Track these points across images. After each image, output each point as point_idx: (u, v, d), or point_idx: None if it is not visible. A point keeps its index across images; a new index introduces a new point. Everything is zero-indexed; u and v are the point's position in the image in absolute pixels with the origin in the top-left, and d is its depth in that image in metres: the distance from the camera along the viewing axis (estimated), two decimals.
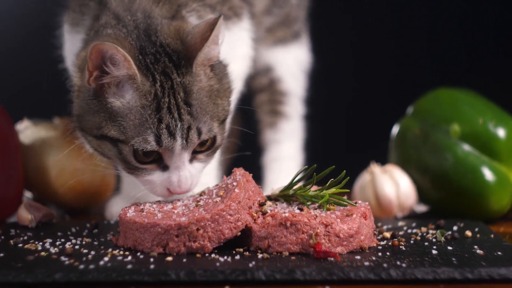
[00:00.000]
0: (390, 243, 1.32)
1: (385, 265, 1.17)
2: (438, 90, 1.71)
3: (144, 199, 1.41)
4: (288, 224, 1.25)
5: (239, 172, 1.33)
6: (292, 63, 1.88)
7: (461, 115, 1.63)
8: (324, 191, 1.32)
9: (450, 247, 1.29)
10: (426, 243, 1.32)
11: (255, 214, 1.28)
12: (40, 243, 1.31)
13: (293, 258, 1.23)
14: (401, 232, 1.41)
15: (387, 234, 1.36)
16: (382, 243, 1.32)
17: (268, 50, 1.84)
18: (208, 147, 1.35)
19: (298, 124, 1.90)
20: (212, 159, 1.39)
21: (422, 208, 1.71)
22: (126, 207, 1.34)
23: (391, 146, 1.73)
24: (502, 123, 1.61)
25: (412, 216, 1.64)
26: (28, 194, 1.71)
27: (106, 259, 1.21)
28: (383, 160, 1.71)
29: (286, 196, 1.35)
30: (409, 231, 1.42)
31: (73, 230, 1.42)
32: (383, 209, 1.61)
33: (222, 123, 1.36)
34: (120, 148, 1.31)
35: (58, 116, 1.72)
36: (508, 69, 2.41)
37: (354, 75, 2.51)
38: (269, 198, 1.36)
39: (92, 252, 1.25)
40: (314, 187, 1.33)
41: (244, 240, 1.28)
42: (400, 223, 1.50)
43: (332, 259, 1.21)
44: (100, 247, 1.29)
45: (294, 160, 1.88)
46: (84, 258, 1.21)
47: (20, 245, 1.31)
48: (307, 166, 1.35)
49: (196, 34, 1.32)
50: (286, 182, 1.36)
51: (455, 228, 1.44)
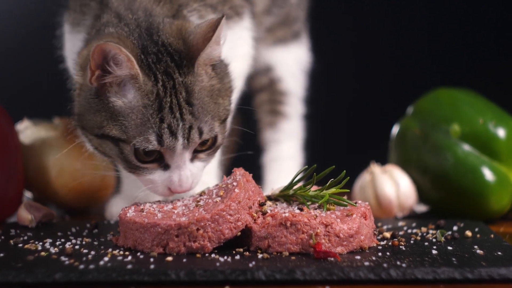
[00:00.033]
0: (390, 243, 1.32)
1: (385, 265, 1.17)
2: (438, 90, 1.71)
3: (144, 199, 1.41)
4: (288, 224, 1.25)
5: (239, 172, 1.33)
6: (292, 63, 1.87)
7: (461, 115, 1.63)
8: (324, 191, 1.32)
9: (450, 247, 1.29)
10: (426, 243, 1.32)
11: (255, 214, 1.28)
12: (40, 243, 1.31)
13: (293, 258, 1.23)
14: (401, 232, 1.41)
15: (387, 234, 1.36)
16: (382, 243, 1.32)
17: (268, 50, 1.83)
18: (209, 147, 1.35)
19: (298, 124, 1.89)
20: (213, 158, 1.39)
21: (422, 208, 1.71)
22: (126, 207, 1.33)
23: (391, 146, 1.73)
24: (502, 123, 1.61)
25: (412, 216, 1.64)
26: (28, 194, 1.71)
27: (106, 259, 1.21)
28: (383, 160, 1.70)
29: (286, 196, 1.35)
30: (409, 231, 1.42)
31: (73, 230, 1.42)
32: (383, 209, 1.61)
33: (223, 122, 1.36)
34: (121, 148, 1.31)
35: (58, 116, 1.72)
36: (508, 69, 2.41)
37: (354, 75, 2.51)
38: (269, 198, 1.36)
39: (92, 252, 1.25)
40: (314, 187, 1.33)
41: (244, 240, 1.28)
42: (400, 223, 1.49)
43: (332, 259, 1.21)
44: (100, 247, 1.29)
45: (294, 160, 1.88)
46: (84, 258, 1.21)
47: (20, 245, 1.31)
48: (307, 166, 1.35)
49: (198, 34, 1.31)
50: (286, 182, 1.36)
51: (455, 228, 1.44)
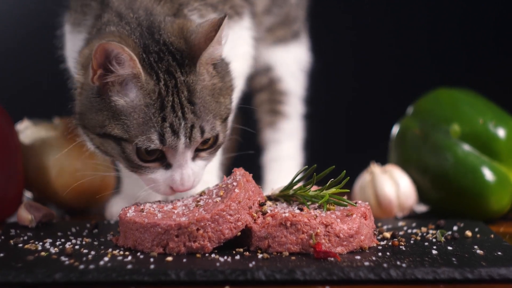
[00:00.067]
0: (390, 243, 1.32)
1: (385, 265, 1.17)
2: (438, 90, 1.71)
3: (146, 199, 1.41)
4: (288, 224, 1.25)
5: (239, 172, 1.33)
6: (291, 63, 1.87)
7: (461, 115, 1.63)
8: (324, 191, 1.32)
9: (450, 247, 1.29)
10: (426, 243, 1.32)
11: (255, 214, 1.28)
12: (40, 243, 1.31)
13: (293, 258, 1.23)
14: (401, 232, 1.41)
15: (387, 234, 1.36)
16: (382, 243, 1.32)
17: (267, 50, 1.83)
18: (210, 145, 1.35)
19: (297, 124, 1.89)
20: (214, 157, 1.39)
21: (422, 208, 1.71)
22: (126, 207, 1.33)
23: (391, 146, 1.73)
24: (502, 123, 1.61)
25: (412, 216, 1.64)
26: (28, 194, 1.71)
27: (106, 259, 1.21)
28: (383, 160, 1.70)
29: (286, 196, 1.35)
30: (409, 231, 1.42)
31: (73, 230, 1.42)
32: (383, 209, 1.61)
33: (225, 121, 1.36)
34: (123, 147, 1.31)
35: (58, 116, 1.72)
36: (508, 69, 2.41)
37: (354, 75, 2.51)
38: (269, 198, 1.36)
39: (92, 252, 1.25)
40: (314, 187, 1.33)
41: (244, 240, 1.28)
42: (400, 223, 1.49)
43: (332, 259, 1.21)
44: (100, 247, 1.29)
45: (294, 160, 1.88)
46: (84, 258, 1.21)
47: (20, 245, 1.31)
48: (307, 166, 1.35)
49: (200, 33, 1.31)
50: (286, 182, 1.36)
51: (455, 228, 1.44)
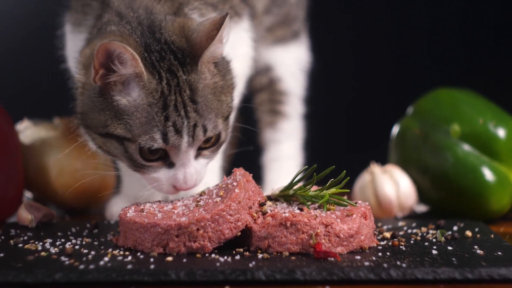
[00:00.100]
0: (390, 243, 1.32)
1: (385, 265, 1.17)
2: (438, 90, 1.71)
3: (149, 199, 1.41)
4: (288, 224, 1.25)
5: (239, 172, 1.33)
6: (291, 63, 1.87)
7: (461, 115, 1.63)
8: (324, 191, 1.32)
9: (450, 247, 1.29)
10: (426, 243, 1.32)
11: (255, 214, 1.28)
12: (40, 243, 1.31)
13: (293, 258, 1.23)
14: (401, 232, 1.41)
15: (387, 234, 1.36)
16: (382, 243, 1.32)
17: (267, 50, 1.83)
18: (212, 144, 1.35)
19: (297, 124, 1.89)
20: (216, 155, 1.39)
21: (422, 208, 1.71)
22: (126, 207, 1.33)
23: (391, 146, 1.73)
24: (502, 123, 1.61)
25: (412, 216, 1.64)
26: (28, 194, 1.71)
27: (106, 259, 1.21)
28: (383, 160, 1.70)
29: (286, 196, 1.35)
30: (409, 231, 1.42)
31: (73, 230, 1.42)
32: (383, 209, 1.61)
33: (226, 119, 1.36)
34: (126, 146, 1.31)
35: (58, 116, 1.72)
36: (508, 69, 2.41)
37: (354, 74, 2.51)
38: (269, 198, 1.36)
39: (92, 252, 1.25)
40: (314, 187, 1.33)
41: (244, 240, 1.28)
42: (400, 223, 1.49)
43: (332, 259, 1.21)
44: (100, 247, 1.29)
45: (294, 160, 1.88)
46: (84, 258, 1.21)
47: (20, 245, 1.31)
48: (307, 166, 1.35)
49: (201, 32, 1.31)
50: (286, 182, 1.36)
51: (455, 228, 1.44)
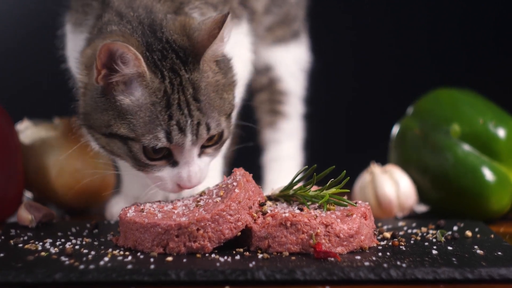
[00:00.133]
0: (390, 243, 1.32)
1: (385, 265, 1.17)
2: (438, 90, 1.71)
3: (150, 199, 1.41)
4: (288, 224, 1.25)
5: (239, 172, 1.33)
6: (291, 63, 1.87)
7: (461, 115, 1.63)
8: (324, 191, 1.32)
9: (450, 247, 1.29)
10: (426, 243, 1.32)
11: (255, 214, 1.28)
12: (40, 243, 1.31)
13: (293, 258, 1.23)
14: (401, 232, 1.41)
15: (387, 234, 1.36)
16: (382, 243, 1.32)
17: (267, 50, 1.83)
18: (215, 141, 1.35)
19: (297, 124, 1.89)
20: (219, 153, 1.40)
21: (422, 208, 1.71)
22: (126, 207, 1.33)
23: (391, 146, 1.73)
24: (502, 123, 1.61)
25: (412, 216, 1.64)
26: (28, 194, 1.71)
27: (106, 259, 1.21)
28: (383, 160, 1.70)
29: (286, 196, 1.35)
30: (409, 231, 1.42)
31: (73, 230, 1.42)
32: (383, 209, 1.61)
33: (229, 117, 1.36)
34: (130, 146, 1.31)
35: (58, 116, 1.72)
36: (508, 69, 2.41)
37: (354, 74, 2.51)
38: (269, 198, 1.36)
39: (92, 252, 1.25)
40: (314, 187, 1.33)
41: (244, 240, 1.28)
42: (400, 223, 1.49)
43: (332, 259, 1.21)
44: (100, 247, 1.29)
45: (294, 160, 1.88)
46: (84, 258, 1.21)
47: (20, 245, 1.31)
48: (307, 166, 1.35)
49: (203, 30, 1.31)
50: (286, 182, 1.36)
51: (455, 228, 1.44)
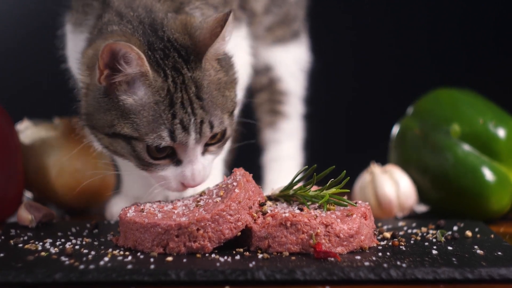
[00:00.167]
0: (390, 243, 1.32)
1: (385, 265, 1.17)
2: (438, 90, 1.71)
3: (152, 199, 1.41)
4: (288, 224, 1.25)
5: (239, 172, 1.33)
6: (291, 63, 1.87)
7: (461, 115, 1.63)
8: (324, 191, 1.32)
9: (450, 247, 1.29)
10: (426, 243, 1.32)
11: (255, 214, 1.28)
12: (40, 243, 1.31)
13: (293, 258, 1.23)
14: (401, 232, 1.41)
15: (387, 234, 1.36)
16: (382, 243, 1.32)
17: (267, 50, 1.83)
18: (218, 139, 1.35)
19: (297, 124, 1.89)
20: (222, 151, 1.40)
21: (422, 208, 1.71)
22: (126, 207, 1.33)
23: (391, 146, 1.73)
24: (502, 123, 1.61)
25: (412, 216, 1.64)
26: (28, 194, 1.71)
27: (106, 259, 1.21)
28: (383, 160, 1.70)
29: (286, 196, 1.35)
30: (409, 231, 1.42)
31: (73, 230, 1.42)
32: (383, 209, 1.61)
33: (231, 115, 1.36)
34: (133, 145, 1.31)
35: (58, 116, 1.72)
36: (508, 69, 2.41)
37: (354, 74, 2.51)
38: (269, 198, 1.36)
39: (92, 252, 1.25)
40: (314, 187, 1.33)
41: (244, 240, 1.28)
42: (400, 223, 1.49)
43: (332, 259, 1.21)
44: (100, 247, 1.29)
45: (294, 160, 1.88)
46: (84, 258, 1.21)
47: (20, 245, 1.31)
48: (307, 166, 1.35)
49: (205, 29, 1.31)
50: (286, 182, 1.36)
51: (455, 228, 1.44)
